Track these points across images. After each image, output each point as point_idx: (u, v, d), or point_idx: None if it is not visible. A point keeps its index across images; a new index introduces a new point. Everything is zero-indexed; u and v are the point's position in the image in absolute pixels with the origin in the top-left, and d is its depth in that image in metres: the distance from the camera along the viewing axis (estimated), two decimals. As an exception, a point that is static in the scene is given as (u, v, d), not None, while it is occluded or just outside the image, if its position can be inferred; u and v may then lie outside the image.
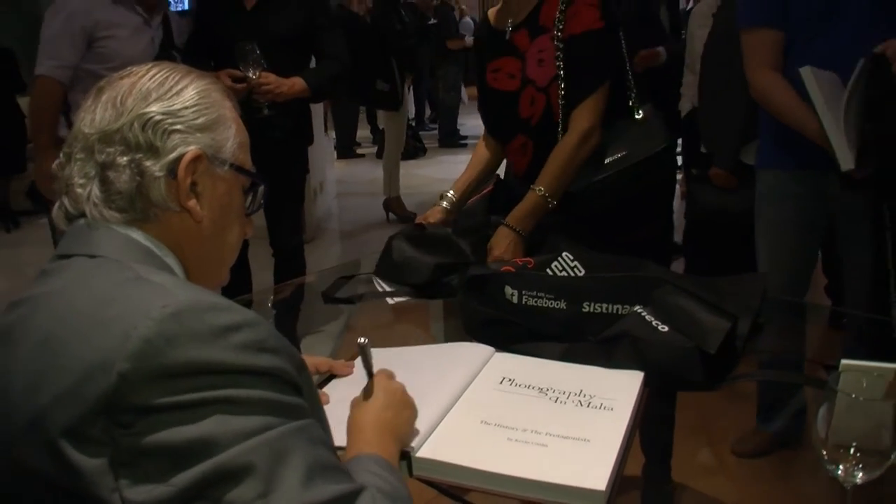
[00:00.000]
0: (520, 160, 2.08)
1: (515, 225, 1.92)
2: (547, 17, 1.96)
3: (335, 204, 6.97)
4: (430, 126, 11.08)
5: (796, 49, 2.35)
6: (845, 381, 1.03)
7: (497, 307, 1.52)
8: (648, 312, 1.41)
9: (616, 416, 1.22)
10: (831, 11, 2.29)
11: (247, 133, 1.06)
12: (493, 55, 2.07)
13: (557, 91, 1.94)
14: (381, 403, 1.11)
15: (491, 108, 2.14)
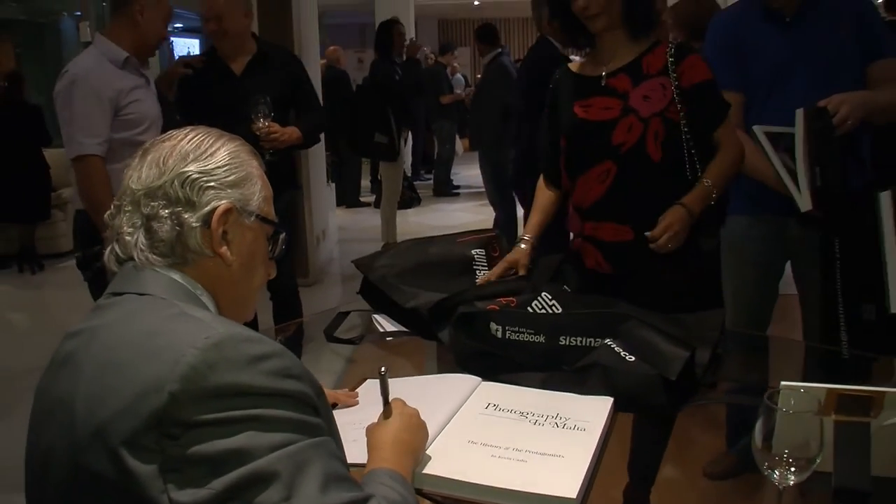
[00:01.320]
0: (595, 188, 2.22)
1: (689, 203, 2.11)
2: (651, 66, 2.18)
3: (336, 249, 7.19)
4: (424, 177, 11.35)
5: (754, 108, 2.56)
6: (783, 398, 1.19)
7: (483, 341, 1.69)
8: (617, 344, 1.59)
9: (588, 436, 1.38)
10: (784, 74, 2.51)
11: (270, 187, 1.22)
12: (584, 96, 2.24)
13: (658, 124, 2.13)
14: (399, 425, 1.26)
15: (577, 138, 2.27)
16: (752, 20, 2.61)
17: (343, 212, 9.03)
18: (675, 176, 2.17)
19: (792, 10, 2.53)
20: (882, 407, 1.29)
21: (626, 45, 2.22)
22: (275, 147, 3.33)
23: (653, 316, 1.68)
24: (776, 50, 2.54)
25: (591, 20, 2.18)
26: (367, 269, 2.22)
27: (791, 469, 1.12)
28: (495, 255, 2.25)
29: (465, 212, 8.17)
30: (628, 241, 2.18)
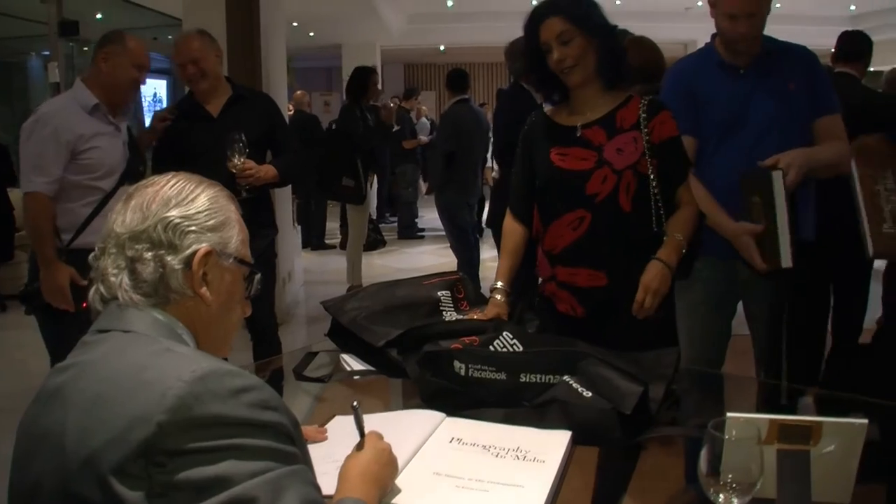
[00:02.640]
0: (567, 234, 2.31)
1: (666, 258, 2.22)
2: (625, 120, 2.29)
3: (302, 292, 7.23)
4: (389, 219, 11.44)
5: (705, 155, 2.68)
6: (728, 428, 1.27)
7: (448, 379, 1.77)
8: (575, 381, 1.67)
9: (547, 467, 1.46)
10: (735, 123, 2.65)
11: (247, 231, 1.30)
12: (561, 144, 2.33)
13: (630, 177, 2.24)
14: (370, 457, 1.32)
15: (552, 186, 2.35)
16: (707, 69, 2.75)
17: (308, 254, 9.09)
18: (643, 227, 2.28)
19: (746, 63, 2.67)
20: (821, 436, 1.38)
21: (601, 97, 2.33)
22: (251, 184, 3.41)
23: (610, 354, 1.77)
24: (729, 100, 2.67)
25: (567, 74, 2.27)
26: (336, 312, 2.28)
27: (734, 493, 1.20)
28: (460, 297, 2.33)
29: (429, 254, 8.27)
30: (603, 286, 2.28)
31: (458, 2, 13.81)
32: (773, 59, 2.69)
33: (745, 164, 2.59)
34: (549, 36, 2.24)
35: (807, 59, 2.74)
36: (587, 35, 2.23)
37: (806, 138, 2.64)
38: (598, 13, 2.29)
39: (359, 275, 6.80)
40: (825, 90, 2.72)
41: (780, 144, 2.57)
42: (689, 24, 14.00)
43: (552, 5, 2.25)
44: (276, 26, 6.35)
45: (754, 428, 1.26)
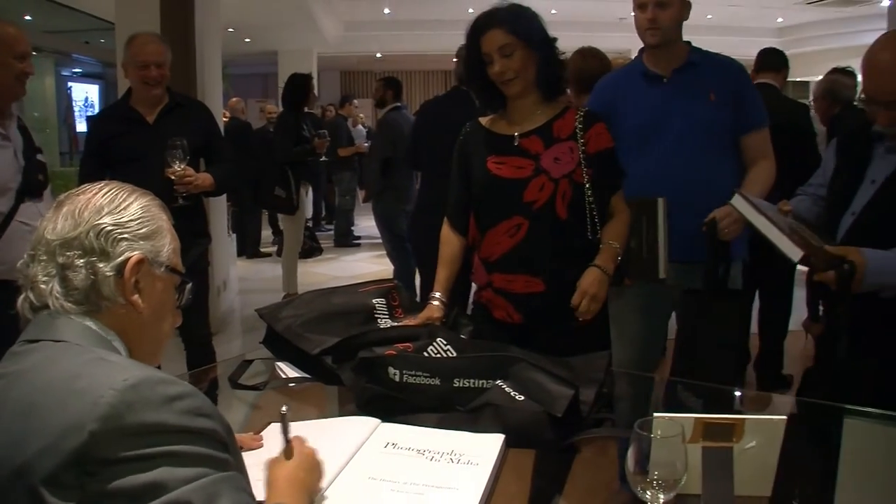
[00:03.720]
0: (504, 241, 2.33)
1: (603, 265, 2.27)
2: (562, 131, 2.33)
3: (237, 300, 7.16)
4: (326, 227, 11.40)
5: (627, 160, 2.74)
6: (654, 427, 1.31)
7: (382, 385, 1.79)
8: (508, 385, 1.71)
9: (480, 470, 1.49)
10: (656, 130, 2.72)
11: (178, 240, 1.30)
12: (497, 153, 2.36)
13: (567, 185, 2.28)
14: (297, 464, 1.33)
15: (489, 194, 2.37)
16: (632, 79, 2.82)
17: (244, 262, 9.00)
18: (579, 234, 2.33)
19: (668, 72, 2.74)
20: (743, 433, 1.44)
21: (538, 108, 2.36)
22: (189, 191, 3.38)
23: (542, 358, 1.81)
24: (648, 107, 2.74)
25: (507, 85, 2.30)
26: (271, 320, 2.28)
27: (660, 490, 1.24)
28: (395, 304, 2.34)
29: (365, 262, 8.26)
30: (540, 292, 2.31)
31: (395, 10, 13.87)
32: (697, 69, 2.75)
33: (663, 171, 2.67)
34: (490, 47, 2.27)
35: (734, 71, 2.81)
36: (528, 48, 2.26)
37: (726, 150, 2.71)
38: (540, 26, 2.32)
39: (294, 283, 6.76)
40: (753, 104, 2.79)
41: (697, 153, 2.66)
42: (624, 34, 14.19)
43: (494, 17, 2.27)
44: (212, 32, 6.27)
45: (679, 427, 1.30)
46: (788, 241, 2.15)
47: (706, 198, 2.61)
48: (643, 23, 2.69)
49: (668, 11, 2.66)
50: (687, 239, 2.66)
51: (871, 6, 12.18)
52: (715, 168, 2.69)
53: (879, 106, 2.16)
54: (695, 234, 2.61)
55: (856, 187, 2.30)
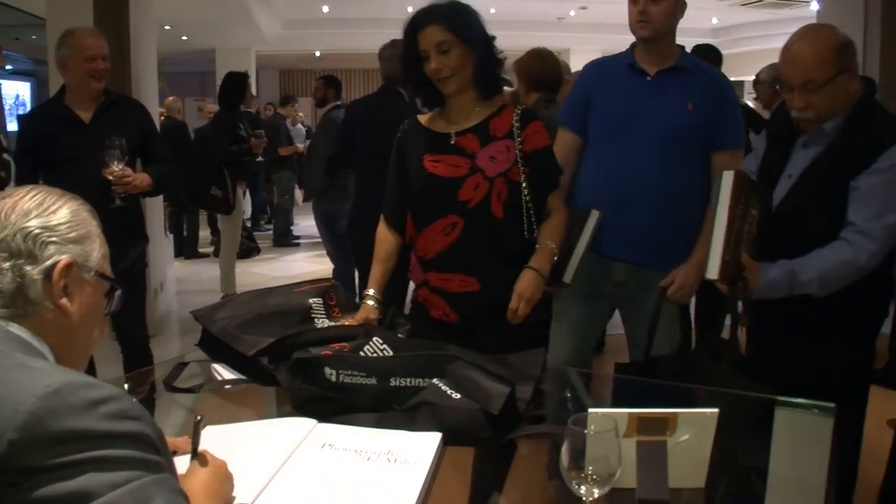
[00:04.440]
0: (439, 240, 2.33)
1: (539, 267, 2.29)
2: (498, 129, 2.33)
3: (175, 302, 7.05)
4: (265, 227, 11.29)
5: (594, 153, 2.77)
6: (589, 422, 1.32)
7: (319, 385, 1.77)
8: (444, 384, 1.71)
9: (417, 469, 1.48)
10: (627, 125, 2.72)
11: (108, 246, 1.27)
12: (434, 151, 2.35)
13: (502, 184, 2.28)
14: (210, 475, 1.31)
15: (425, 192, 2.36)
16: (619, 68, 2.82)
17: (181, 263, 8.88)
18: (515, 233, 2.33)
19: (653, 70, 2.74)
20: (676, 426, 1.46)
21: (476, 106, 2.36)
22: (127, 192, 3.32)
23: (479, 356, 1.81)
24: (625, 99, 2.74)
25: (444, 83, 2.29)
26: (206, 322, 2.25)
27: (595, 484, 1.25)
28: (332, 304, 2.33)
29: (304, 262, 8.21)
30: (475, 291, 2.31)
31: (334, 8, 13.78)
32: (684, 74, 2.75)
33: (624, 169, 2.69)
34: (427, 45, 2.25)
35: (719, 85, 2.81)
36: (466, 46, 2.25)
37: (691, 162, 2.72)
38: (478, 24, 2.31)
39: (233, 283, 6.69)
40: (732, 123, 2.79)
41: (660, 157, 2.67)
42: (562, 34, 14.42)
43: (432, 14, 2.25)
44: (147, 29, 6.18)
45: (613, 422, 1.31)
46: (719, 258, 2.19)
47: (660, 203, 2.65)
48: (634, 16, 2.69)
49: (659, 6, 2.66)
50: (638, 238, 2.70)
51: (801, 9, 12.48)
52: (675, 176, 2.70)
53: (793, 90, 2.24)
54: (646, 235, 2.65)
55: (776, 181, 2.36)
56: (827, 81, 2.19)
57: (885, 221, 2.17)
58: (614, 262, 2.78)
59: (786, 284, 2.21)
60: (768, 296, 2.24)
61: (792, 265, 2.20)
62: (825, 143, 2.29)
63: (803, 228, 2.27)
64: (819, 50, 2.20)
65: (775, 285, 2.21)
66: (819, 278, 2.19)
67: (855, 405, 2.39)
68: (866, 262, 2.18)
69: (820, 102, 2.22)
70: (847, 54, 2.23)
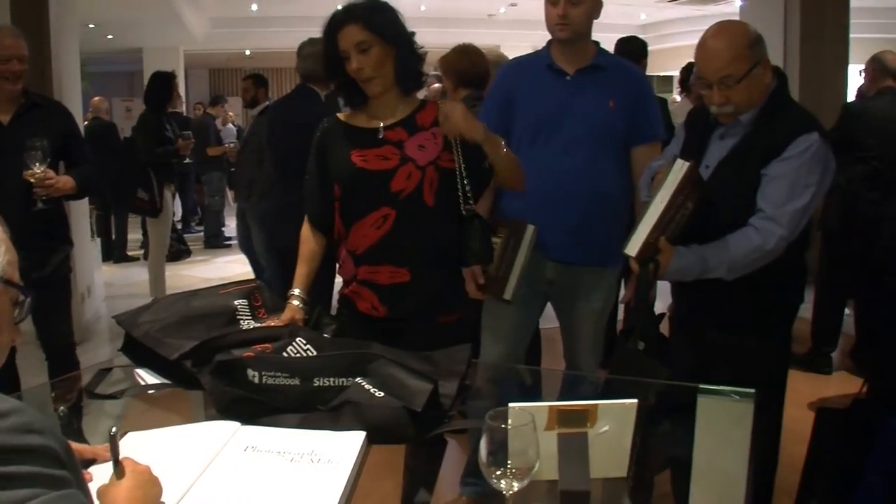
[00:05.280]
0: (371, 234, 2.30)
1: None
2: (425, 120, 2.32)
3: (104, 306, 6.90)
4: (195, 229, 11.12)
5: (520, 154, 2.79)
6: (509, 417, 1.33)
7: (242, 387, 1.75)
8: (367, 382, 1.71)
9: (340, 468, 1.48)
10: (551, 125, 2.76)
11: (15, 252, 1.23)
12: (361, 146, 2.32)
13: (433, 172, 2.27)
14: (131, 484, 1.27)
15: (354, 187, 2.33)
16: (536, 69, 2.84)
17: (110, 267, 8.70)
18: (445, 221, 2.32)
19: (572, 70, 2.77)
20: (596, 418, 1.48)
21: (399, 103, 2.36)
22: (49, 195, 3.23)
23: (403, 354, 1.82)
24: (547, 102, 2.77)
25: (367, 85, 2.28)
26: (129, 326, 2.21)
27: (514, 478, 1.26)
28: (258, 305, 2.30)
29: (237, 263, 8.05)
30: (405, 282, 2.30)
31: (263, 6, 13.62)
32: (602, 72, 2.80)
33: (551, 169, 2.72)
34: (347, 44, 2.24)
35: (636, 80, 2.89)
36: (385, 43, 2.25)
37: (617, 157, 2.77)
38: (397, 21, 2.30)
39: (163, 287, 6.56)
40: (651, 117, 2.86)
41: (588, 155, 2.71)
42: (493, 30, 14.48)
43: (350, 13, 2.24)
44: (69, 28, 6.03)
45: (530, 416, 1.32)
46: (643, 238, 2.23)
47: (588, 201, 2.68)
48: (553, 17, 2.71)
49: (580, 8, 2.69)
50: (569, 237, 2.73)
51: (728, 5, 12.74)
52: (601, 173, 2.74)
53: (710, 85, 2.29)
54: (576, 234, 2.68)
55: None
56: (743, 76, 2.24)
57: (793, 207, 2.23)
58: (545, 261, 2.82)
59: (697, 269, 2.26)
60: (679, 279, 2.31)
61: (703, 251, 2.25)
62: (741, 134, 2.35)
63: (720, 216, 2.32)
64: (733, 46, 2.25)
65: (686, 270, 2.26)
66: (729, 263, 2.25)
67: (775, 389, 2.47)
68: (774, 246, 2.24)
69: (738, 96, 2.28)
70: (760, 47, 2.29)
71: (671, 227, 2.22)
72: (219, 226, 10.25)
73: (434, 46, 2.39)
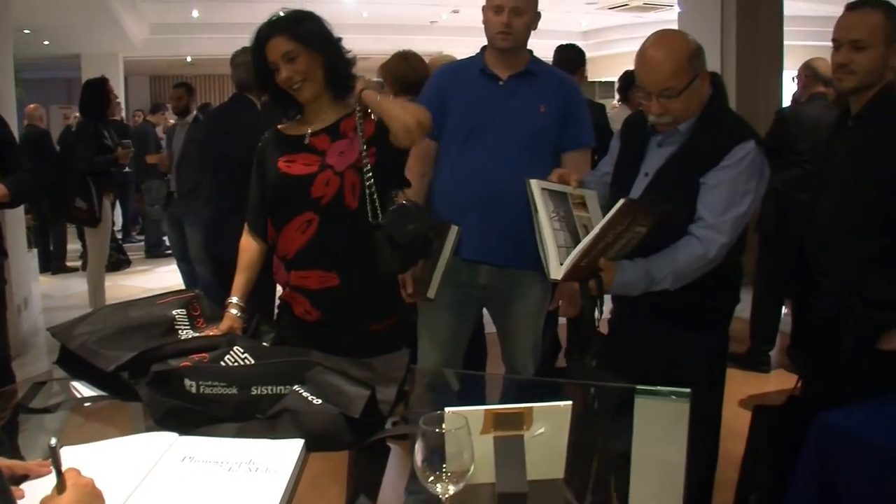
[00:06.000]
0: (297, 238, 2.34)
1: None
2: (348, 126, 2.36)
3: (41, 319, 6.75)
4: (136, 238, 10.94)
5: (450, 153, 2.82)
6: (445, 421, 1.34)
7: (179, 398, 1.73)
8: (305, 390, 1.71)
9: (279, 476, 1.48)
10: (481, 130, 2.79)
11: None
12: (288, 152, 2.38)
13: (354, 175, 2.31)
14: (72, 497, 1.23)
15: (279, 192, 2.38)
16: (469, 73, 2.87)
17: (48, 278, 8.52)
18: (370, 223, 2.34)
19: (505, 75, 2.80)
20: (532, 420, 1.50)
21: (330, 108, 2.40)
22: None
23: (341, 361, 1.82)
24: (479, 105, 2.80)
25: (298, 91, 2.32)
26: (64, 338, 2.17)
27: (450, 482, 1.28)
28: (196, 315, 2.29)
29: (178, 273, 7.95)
30: (335, 286, 2.33)
31: (204, 12, 13.48)
32: (535, 78, 2.83)
33: (483, 172, 2.75)
34: (275, 56, 2.29)
35: (568, 88, 2.93)
36: (312, 52, 2.30)
37: (547, 162, 2.78)
38: (322, 28, 2.36)
39: (102, 298, 6.43)
40: (581, 124, 2.90)
41: (518, 159, 2.73)
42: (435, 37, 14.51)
43: (275, 25, 2.30)
44: (2, 33, 5.95)
45: (463, 420, 1.33)
46: (555, 257, 2.26)
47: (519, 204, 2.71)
48: (496, 26, 2.73)
49: (522, 18, 2.72)
50: (500, 240, 2.76)
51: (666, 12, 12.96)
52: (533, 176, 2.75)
53: (651, 96, 2.33)
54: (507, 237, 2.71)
55: (633, 179, 2.46)
56: (683, 89, 2.28)
57: (733, 215, 2.29)
58: (478, 265, 2.84)
59: (643, 284, 2.30)
60: (626, 293, 2.33)
61: (647, 265, 2.29)
62: (679, 142, 2.39)
63: (661, 223, 2.37)
64: (674, 59, 2.28)
65: (632, 284, 2.29)
66: (674, 274, 2.29)
67: (713, 388, 2.52)
68: (716, 254, 2.29)
69: (677, 108, 2.32)
70: (699, 60, 2.34)
71: (615, 248, 2.24)
72: (160, 235, 10.04)
73: (377, 53, 2.43)
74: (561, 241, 2.27)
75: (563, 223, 2.33)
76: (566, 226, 2.33)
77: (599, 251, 2.21)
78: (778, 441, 2.59)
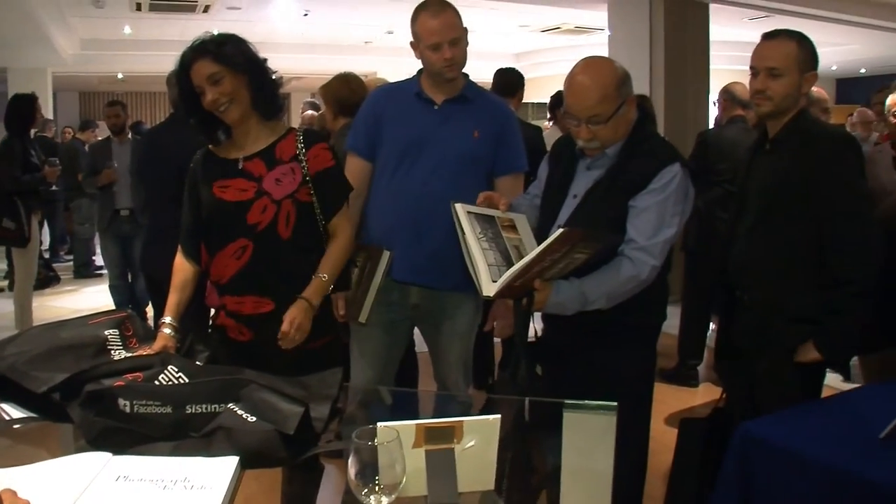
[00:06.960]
0: (231, 264, 2.37)
1: (309, 297, 2.34)
2: (283, 152, 2.40)
3: (-38, 342, 6.54)
4: (64, 258, 10.70)
5: (384, 176, 2.85)
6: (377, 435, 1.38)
7: (113, 417, 1.74)
8: (240, 407, 1.73)
9: (214, 493, 1.50)
10: (415, 152, 2.83)
11: None
12: (222, 177, 2.40)
13: (290, 206, 2.35)
14: None
15: (214, 217, 2.40)
16: (404, 96, 2.91)
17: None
18: (304, 253, 2.41)
19: (440, 100, 2.85)
20: (462, 434, 1.55)
21: (261, 130, 2.43)
22: None
23: (274, 379, 1.84)
24: (413, 129, 2.84)
25: (225, 112, 2.35)
26: None
27: (382, 494, 1.32)
28: (129, 335, 2.28)
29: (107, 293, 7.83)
30: (269, 311, 2.37)
31: (136, 29, 13.30)
32: (469, 104, 2.88)
33: (415, 194, 2.80)
34: (200, 79, 2.32)
35: (502, 114, 2.98)
36: (237, 73, 2.33)
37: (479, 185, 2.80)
38: (246, 50, 2.39)
39: (29, 319, 6.29)
40: (514, 149, 2.96)
41: (451, 183, 2.77)
42: (370, 57, 14.57)
43: (199, 49, 2.33)
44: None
45: (395, 433, 1.37)
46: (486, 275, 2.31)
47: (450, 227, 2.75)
48: (439, 62, 2.76)
49: (459, 46, 2.77)
50: (431, 262, 2.80)
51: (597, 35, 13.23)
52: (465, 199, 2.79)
53: (580, 122, 2.39)
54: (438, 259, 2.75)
55: (562, 201, 2.52)
56: (611, 116, 2.36)
57: (662, 237, 2.37)
58: (409, 286, 2.89)
59: (577, 304, 2.35)
60: (560, 312, 2.38)
61: (581, 286, 2.35)
62: (607, 166, 2.46)
63: None
64: (602, 87, 2.36)
65: (566, 304, 2.35)
66: (607, 295, 2.36)
67: (642, 402, 2.60)
68: (648, 276, 2.37)
69: (604, 134, 2.40)
70: (626, 86, 2.42)
71: (552, 271, 2.29)
72: (89, 254, 9.83)
73: (312, 73, 2.47)
74: (491, 259, 2.32)
75: (493, 243, 2.38)
76: (496, 246, 2.38)
77: (535, 273, 2.26)
78: (704, 452, 2.68)
